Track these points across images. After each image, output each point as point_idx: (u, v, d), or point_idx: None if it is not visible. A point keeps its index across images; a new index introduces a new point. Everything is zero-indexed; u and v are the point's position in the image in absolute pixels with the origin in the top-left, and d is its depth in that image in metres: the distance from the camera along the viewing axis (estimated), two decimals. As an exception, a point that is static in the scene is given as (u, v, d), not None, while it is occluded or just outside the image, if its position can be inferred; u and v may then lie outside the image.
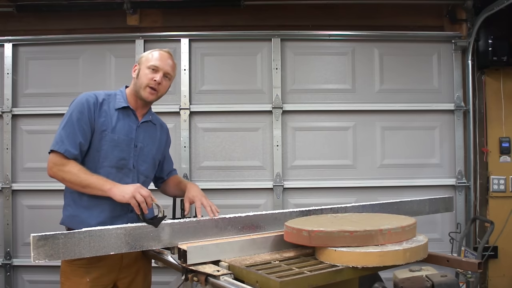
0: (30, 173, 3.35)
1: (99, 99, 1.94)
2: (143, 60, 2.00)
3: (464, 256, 3.05)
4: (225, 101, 3.37)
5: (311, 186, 3.34)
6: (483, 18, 3.18)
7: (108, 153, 1.91)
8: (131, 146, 1.97)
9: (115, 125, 1.94)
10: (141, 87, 1.97)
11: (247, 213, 1.82)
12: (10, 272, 3.29)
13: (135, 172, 1.98)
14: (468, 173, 3.36)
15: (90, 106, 1.91)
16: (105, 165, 1.91)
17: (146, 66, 1.97)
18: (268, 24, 3.42)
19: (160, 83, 1.97)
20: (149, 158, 2.05)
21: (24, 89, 3.40)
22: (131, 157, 1.97)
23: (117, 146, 1.93)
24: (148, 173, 2.07)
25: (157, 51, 2.01)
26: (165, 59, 2.00)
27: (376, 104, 3.39)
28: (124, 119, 1.97)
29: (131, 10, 3.34)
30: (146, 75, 1.96)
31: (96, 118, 1.91)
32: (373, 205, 2.12)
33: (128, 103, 2.00)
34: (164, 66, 1.98)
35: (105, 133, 1.91)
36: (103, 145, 1.91)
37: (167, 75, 2.00)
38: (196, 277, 1.48)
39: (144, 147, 2.02)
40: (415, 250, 1.50)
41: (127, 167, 1.96)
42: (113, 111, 1.96)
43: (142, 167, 2.02)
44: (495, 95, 3.41)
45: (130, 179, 1.95)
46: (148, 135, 2.06)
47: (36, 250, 1.39)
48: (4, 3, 3.33)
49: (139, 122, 2.02)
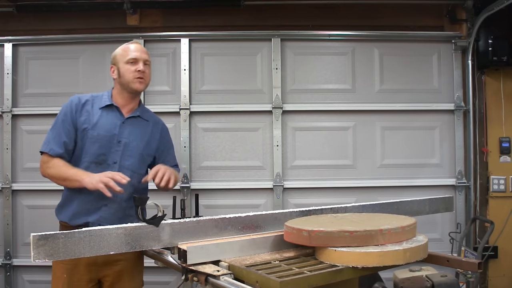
0: (30, 173, 3.35)
1: (82, 100, 2.10)
2: (119, 58, 2.12)
3: (464, 256, 3.05)
4: (225, 101, 3.37)
5: (311, 186, 3.34)
6: (483, 18, 3.18)
7: (88, 149, 2.04)
8: (113, 142, 2.07)
9: (97, 122, 2.06)
10: (129, 81, 2.08)
11: (247, 213, 1.81)
12: (10, 272, 3.30)
13: (115, 167, 2.05)
14: (468, 173, 3.36)
15: (73, 107, 2.08)
16: (85, 161, 2.04)
17: (124, 62, 2.09)
18: (268, 24, 3.42)
19: (144, 71, 2.09)
20: (135, 154, 2.12)
21: (24, 89, 3.40)
22: (112, 152, 2.06)
23: (97, 142, 2.05)
24: (135, 168, 2.12)
25: (127, 45, 2.14)
26: (139, 49, 2.13)
27: (376, 104, 3.39)
28: (107, 116, 2.09)
29: (131, 10, 3.34)
30: (129, 69, 2.08)
31: (77, 117, 2.06)
32: (373, 205, 2.12)
33: (114, 101, 2.13)
34: (142, 55, 2.11)
35: (86, 130, 2.05)
36: (85, 142, 2.05)
37: (146, 62, 2.13)
38: (196, 277, 1.48)
39: (130, 143, 2.10)
40: (415, 250, 1.50)
41: (106, 162, 2.05)
42: (96, 110, 2.09)
43: (127, 162, 2.09)
44: (495, 95, 3.41)
45: None
46: (136, 130, 2.14)
47: (36, 249, 1.39)
48: (4, 3, 3.33)
49: (125, 118, 2.12)
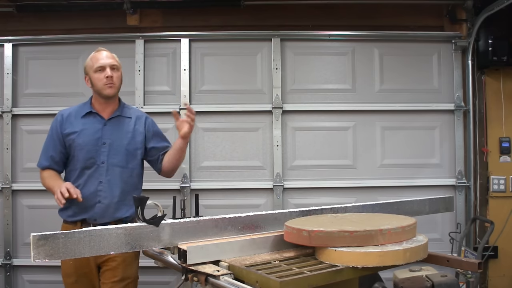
0: (30, 173, 3.34)
1: (65, 114, 2.31)
2: (88, 69, 2.27)
3: (464, 256, 3.05)
4: (225, 101, 3.37)
5: (311, 186, 3.34)
6: (483, 18, 3.18)
7: (78, 156, 2.24)
8: (98, 144, 2.24)
9: (81, 130, 2.25)
10: (100, 89, 2.24)
11: (247, 213, 1.81)
12: (10, 272, 3.29)
13: (104, 167, 2.23)
14: (468, 173, 3.36)
15: (57, 123, 2.29)
16: (78, 167, 2.24)
17: (93, 71, 2.24)
18: (268, 24, 3.42)
19: (112, 76, 2.23)
20: (121, 151, 2.28)
21: (24, 89, 3.40)
22: (100, 153, 2.24)
23: (84, 148, 2.23)
24: (123, 163, 2.28)
25: (94, 54, 2.28)
26: (103, 56, 2.26)
27: (376, 104, 3.39)
28: (89, 123, 2.27)
29: (131, 10, 3.34)
30: (98, 78, 2.23)
31: (62, 131, 2.27)
32: (373, 205, 2.12)
33: (93, 108, 2.31)
34: (106, 61, 2.24)
35: (72, 140, 2.24)
36: (74, 151, 2.25)
37: (113, 67, 2.26)
38: (196, 277, 1.48)
39: (113, 142, 2.27)
40: (415, 250, 1.50)
41: (96, 163, 2.23)
42: (78, 120, 2.28)
43: (115, 159, 2.26)
44: (495, 95, 3.41)
45: (98, 173, 2.23)
46: (118, 129, 2.30)
47: (36, 249, 1.39)
48: (4, 3, 3.33)
49: (105, 120, 2.29)
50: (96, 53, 2.28)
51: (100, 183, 2.22)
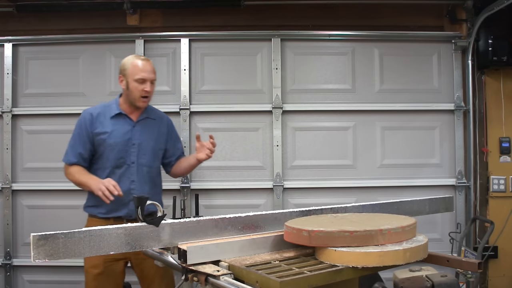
0: (30, 173, 3.35)
1: (94, 114, 2.37)
2: (128, 73, 2.32)
3: (464, 256, 3.05)
4: (225, 101, 3.37)
5: (311, 186, 3.34)
6: (483, 18, 3.18)
7: (108, 156, 2.33)
8: (128, 145, 2.34)
9: (111, 131, 2.33)
10: (135, 99, 2.33)
11: (247, 213, 1.81)
12: (10, 272, 3.29)
13: (134, 166, 2.35)
14: (468, 173, 3.36)
15: (86, 122, 2.36)
16: (108, 166, 2.33)
17: (133, 79, 2.30)
18: (268, 24, 3.42)
19: (150, 91, 2.34)
20: (148, 151, 2.39)
21: (24, 89, 3.40)
22: (130, 154, 2.34)
23: (115, 149, 2.32)
24: (150, 163, 2.41)
25: (137, 61, 2.33)
26: (147, 69, 2.33)
27: (376, 104, 3.39)
28: (119, 124, 2.36)
29: (131, 10, 3.34)
30: (136, 88, 2.31)
31: (92, 130, 2.34)
32: (373, 205, 2.12)
33: (122, 109, 2.38)
34: (149, 75, 2.33)
35: (103, 140, 2.32)
36: (104, 151, 2.33)
37: (152, 81, 2.37)
38: (196, 277, 1.48)
39: (142, 143, 2.38)
40: (415, 250, 1.50)
41: (126, 163, 2.34)
42: (108, 120, 2.36)
43: (143, 160, 2.37)
44: (495, 95, 3.41)
45: (129, 173, 2.34)
46: (145, 131, 2.40)
47: (36, 249, 1.39)
48: (4, 3, 3.33)
49: (134, 122, 2.38)
50: (141, 61, 2.34)
51: (132, 182, 2.34)
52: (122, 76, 2.36)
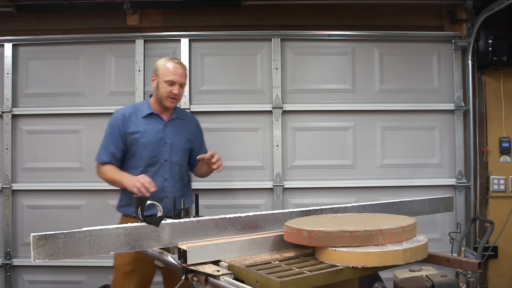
0: (30, 173, 3.35)
1: (126, 114, 2.43)
2: (160, 74, 2.40)
3: (464, 256, 3.05)
4: (225, 101, 3.37)
5: (311, 186, 3.34)
6: (483, 18, 3.18)
7: (142, 154, 2.40)
8: (160, 144, 2.42)
9: (144, 130, 2.40)
10: (162, 98, 2.40)
11: (247, 213, 1.81)
12: (10, 272, 3.30)
13: (167, 165, 2.42)
14: (468, 173, 3.36)
15: (119, 122, 2.42)
16: (141, 164, 2.39)
17: (163, 80, 2.38)
18: (268, 24, 3.42)
19: (178, 94, 2.40)
20: (179, 150, 2.48)
21: (24, 89, 3.40)
22: (162, 153, 2.41)
23: (148, 148, 2.39)
24: (181, 161, 2.49)
25: (170, 63, 2.40)
26: (178, 72, 2.40)
27: (376, 104, 3.39)
28: (151, 124, 2.43)
29: (131, 10, 3.34)
30: (165, 89, 2.38)
31: (125, 130, 2.40)
32: (373, 205, 2.11)
33: (153, 109, 2.46)
34: (179, 79, 2.40)
35: (135, 139, 2.39)
36: (137, 150, 2.40)
37: (182, 84, 2.43)
38: (196, 277, 1.48)
39: (174, 142, 2.46)
40: (415, 250, 1.49)
41: (159, 162, 2.41)
42: (140, 119, 2.42)
43: (175, 158, 2.45)
44: (495, 95, 3.41)
45: (162, 171, 2.41)
46: (176, 130, 2.49)
47: (36, 249, 1.39)
48: (4, 3, 3.33)
49: (166, 122, 2.46)
50: (174, 63, 2.41)
51: (165, 180, 2.41)
52: (155, 76, 2.43)
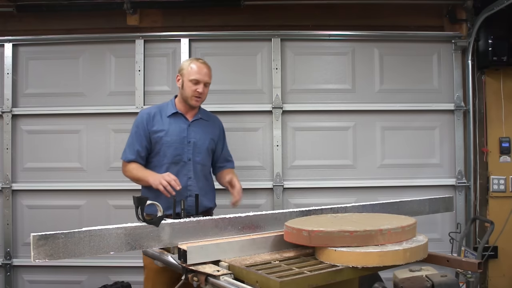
0: (30, 173, 3.35)
1: (151, 113, 2.48)
2: (185, 73, 2.44)
3: (464, 256, 3.05)
4: (225, 101, 3.36)
5: (311, 186, 3.34)
6: (483, 18, 3.18)
7: (166, 152, 2.42)
8: (184, 143, 2.45)
9: (168, 129, 2.44)
10: (187, 97, 2.44)
11: (247, 213, 1.81)
12: (10, 272, 3.30)
13: (190, 164, 2.44)
14: (468, 173, 3.36)
15: (144, 120, 2.46)
16: (165, 162, 2.42)
17: (188, 79, 2.42)
18: (268, 24, 3.42)
19: (202, 92, 2.44)
20: (203, 150, 2.50)
21: (24, 89, 3.40)
22: (185, 151, 2.44)
23: (172, 146, 2.42)
24: (204, 161, 2.52)
25: (194, 63, 2.43)
26: (202, 71, 2.43)
27: (376, 104, 3.39)
28: (175, 123, 2.47)
29: (131, 10, 3.33)
30: (190, 88, 2.42)
31: (149, 128, 2.44)
32: (373, 205, 2.11)
33: (178, 109, 2.50)
34: (204, 78, 2.43)
35: (159, 138, 2.43)
36: (161, 148, 2.43)
37: (206, 84, 2.46)
38: (196, 277, 1.48)
39: (197, 141, 2.48)
40: (415, 250, 1.50)
41: (182, 160, 2.44)
42: (165, 118, 2.47)
43: (198, 158, 2.48)
44: (495, 95, 3.41)
45: (186, 170, 2.43)
46: (200, 130, 2.51)
47: (36, 249, 1.39)
48: (4, 3, 3.33)
49: (190, 121, 2.49)
50: (199, 63, 2.44)
51: (189, 179, 2.43)
52: (180, 75, 2.47)
